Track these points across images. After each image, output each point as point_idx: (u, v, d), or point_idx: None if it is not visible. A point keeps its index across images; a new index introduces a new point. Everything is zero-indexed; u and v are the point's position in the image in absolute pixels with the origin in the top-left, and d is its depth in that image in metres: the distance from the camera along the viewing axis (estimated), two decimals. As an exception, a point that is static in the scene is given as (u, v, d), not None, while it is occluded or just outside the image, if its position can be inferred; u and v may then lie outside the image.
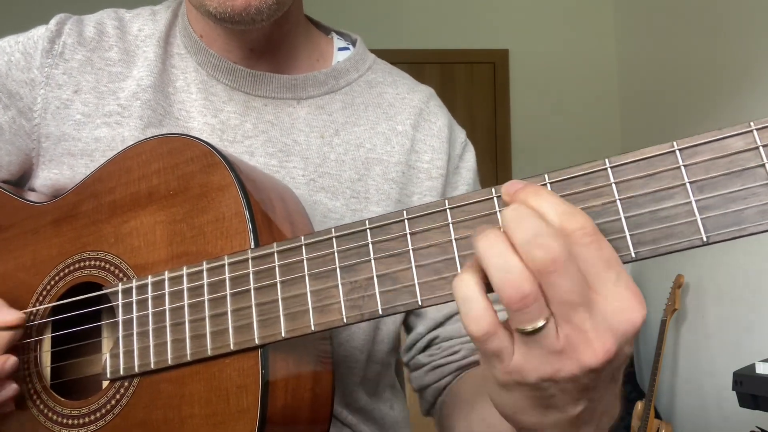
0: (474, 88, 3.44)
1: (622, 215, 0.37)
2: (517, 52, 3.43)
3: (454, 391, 0.72)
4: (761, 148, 0.35)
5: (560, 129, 3.32)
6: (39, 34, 0.71)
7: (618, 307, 0.35)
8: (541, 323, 0.35)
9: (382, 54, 0.83)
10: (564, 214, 0.35)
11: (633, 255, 0.37)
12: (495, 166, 3.40)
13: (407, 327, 0.77)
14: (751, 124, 0.35)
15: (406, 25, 3.42)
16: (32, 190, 0.71)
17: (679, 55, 2.80)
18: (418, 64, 3.25)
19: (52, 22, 0.72)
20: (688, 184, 0.36)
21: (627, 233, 0.37)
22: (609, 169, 0.38)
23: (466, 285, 0.37)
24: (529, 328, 0.35)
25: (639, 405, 2.60)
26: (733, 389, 1.73)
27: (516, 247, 0.35)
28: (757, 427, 1.90)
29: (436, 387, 0.74)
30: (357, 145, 0.73)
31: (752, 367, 1.70)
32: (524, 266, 0.34)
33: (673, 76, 2.84)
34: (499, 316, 0.37)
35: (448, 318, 0.74)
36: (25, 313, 0.61)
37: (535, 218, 0.35)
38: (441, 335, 0.73)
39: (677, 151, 0.37)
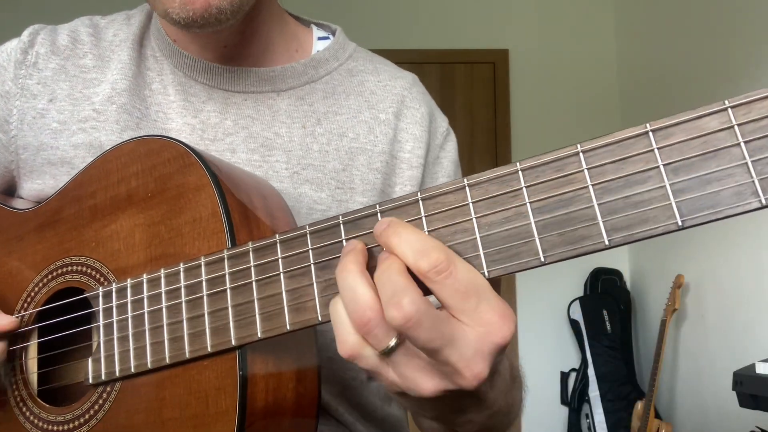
0: (474, 87, 3.42)
1: (594, 202, 0.36)
2: (517, 52, 3.41)
3: None
4: (736, 127, 0.33)
5: (560, 129, 3.29)
6: (12, 46, 0.71)
7: (482, 332, 0.37)
8: (392, 343, 0.38)
9: (382, 54, 0.82)
10: (418, 253, 0.38)
11: (606, 242, 0.36)
12: (495, 166, 3.37)
13: None
14: (726, 102, 0.34)
15: (406, 25, 3.40)
16: (21, 198, 0.71)
17: (679, 54, 2.77)
18: (418, 64, 3.24)
19: (25, 33, 0.72)
20: (662, 167, 0.35)
21: (600, 220, 0.36)
22: (581, 154, 0.37)
23: (339, 313, 0.40)
24: (382, 348, 0.39)
25: (639, 405, 2.58)
26: (733, 389, 1.71)
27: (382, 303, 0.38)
28: (757, 427, 1.88)
29: None
30: (340, 134, 0.72)
31: (752, 367, 1.68)
32: (371, 294, 0.38)
33: (673, 76, 2.81)
34: None
35: None
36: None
37: (396, 273, 0.38)
38: None
39: (650, 133, 0.35)
